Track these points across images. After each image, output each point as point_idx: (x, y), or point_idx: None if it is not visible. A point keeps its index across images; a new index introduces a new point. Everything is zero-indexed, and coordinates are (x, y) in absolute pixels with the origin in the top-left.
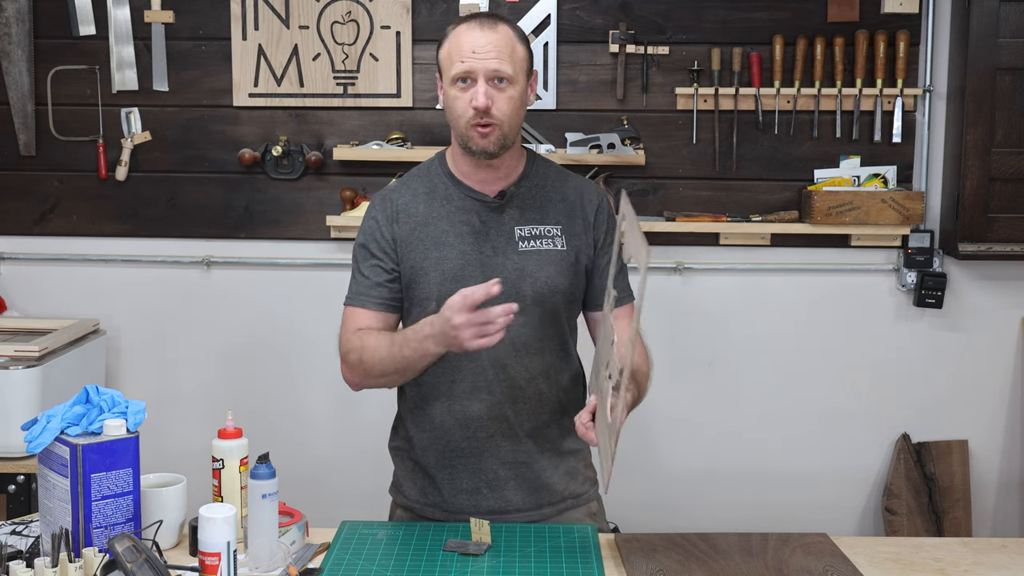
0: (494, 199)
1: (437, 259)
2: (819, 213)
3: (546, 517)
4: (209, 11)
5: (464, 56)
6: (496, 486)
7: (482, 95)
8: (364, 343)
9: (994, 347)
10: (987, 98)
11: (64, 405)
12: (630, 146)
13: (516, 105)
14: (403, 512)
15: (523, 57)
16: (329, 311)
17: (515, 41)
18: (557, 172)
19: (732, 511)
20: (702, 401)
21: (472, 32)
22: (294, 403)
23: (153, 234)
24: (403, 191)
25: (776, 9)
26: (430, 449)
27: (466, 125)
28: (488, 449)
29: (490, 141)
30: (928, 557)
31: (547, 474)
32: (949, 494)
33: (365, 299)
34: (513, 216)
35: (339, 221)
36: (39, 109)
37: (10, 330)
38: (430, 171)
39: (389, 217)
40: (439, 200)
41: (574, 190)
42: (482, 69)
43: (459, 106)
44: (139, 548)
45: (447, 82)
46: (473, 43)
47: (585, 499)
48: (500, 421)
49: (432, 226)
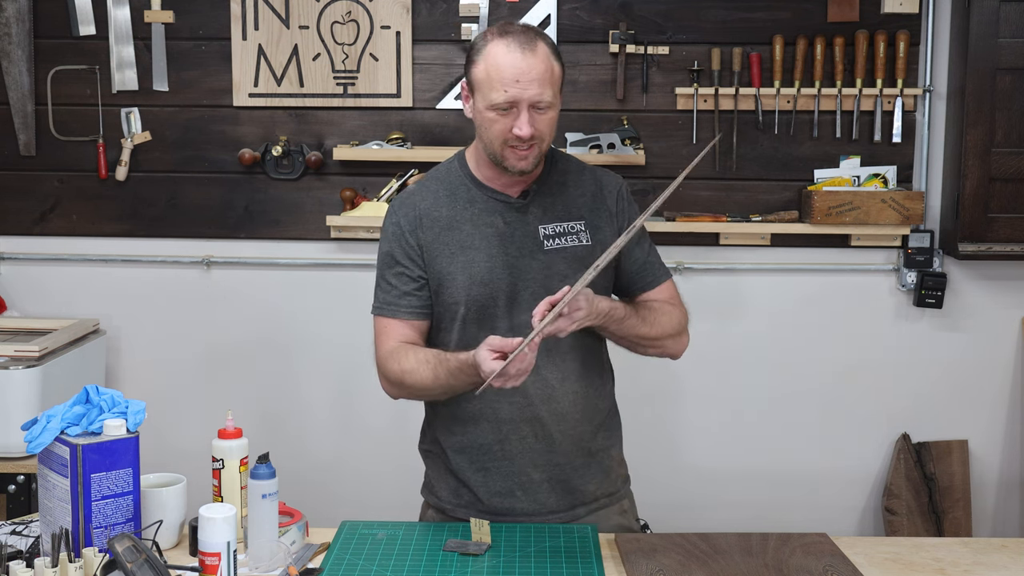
0: (517, 199)
1: (464, 263)
2: (819, 213)
3: (578, 517)
4: (209, 11)
5: (507, 85)
6: (530, 488)
7: (526, 124)
8: (403, 367)
9: (994, 347)
10: (987, 98)
11: (64, 405)
12: (630, 146)
13: (553, 123)
14: (434, 513)
15: (560, 75)
16: (329, 311)
17: (553, 62)
18: (575, 165)
19: (732, 511)
20: (702, 401)
21: (512, 56)
22: (294, 403)
23: (153, 234)
24: (424, 195)
25: (776, 9)
26: (463, 452)
27: (502, 146)
28: (521, 452)
29: (528, 162)
30: (928, 557)
31: (580, 474)
32: (949, 494)
33: (396, 309)
34: (536, 215)
35: (339, 221)
36: (39, 109)
37: (10, 330)
38: (449, 173)
39: (412, 222)
40: (462, 203)
41: (593, 181)
42: (526, 100)
43: (497, 129)
44: (139, 548)
45: (483, 104)
46: (516, 71)
47: (617, 497)
48: (533, 423)
49: (457, 230)
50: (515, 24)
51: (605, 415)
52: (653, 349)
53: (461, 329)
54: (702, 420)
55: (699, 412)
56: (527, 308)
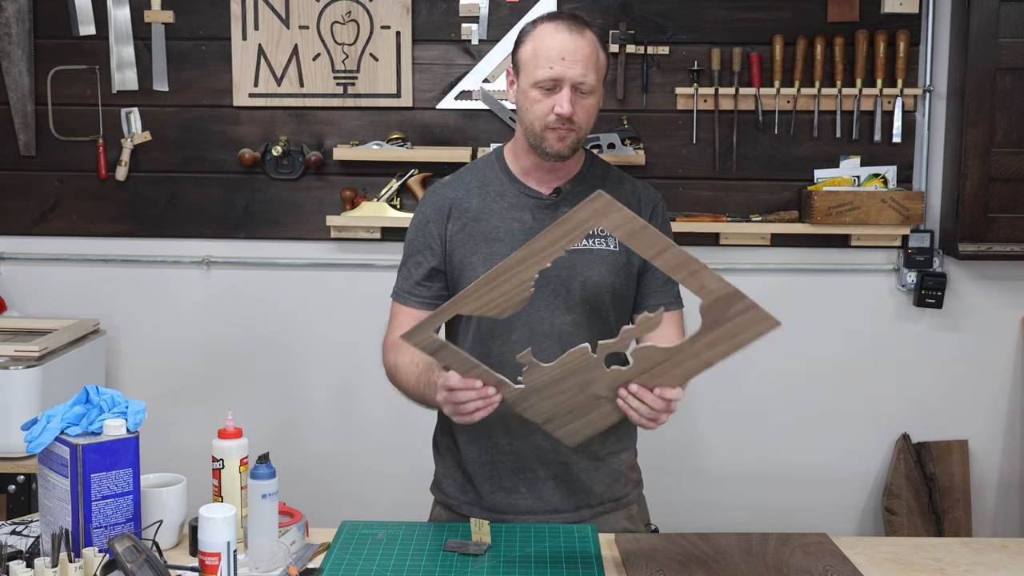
0: (549, 196)
1: (486, 255)
2: (819, 213)
3: (583, 519)
4: (209, 11)
5: (553, 62)
6: (535, 486)
7: (567, 102)
8: (397, 363)
9: (994, 347)
10: (987, 98)
11: (64, 405)
12: (630, 146)
13: (593, 113)
14: (442, 510)
15: (604, 65)
16: (329, 311)
17: (599, 49)
18: (614, 174)
19: (732, 511)
20: (701, 401)
21: (560, 35)
22: (294, 403)
23: (153, 234)
24: (456, 185)
25: (776, 9)
26: (471, 445)
27: (543, 127)
28: (528, 449)
29: (565, 145)
30: (928, 557)
31: (587, 476)
32: (949, 494)
33: (408, 297)
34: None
35: (339, 221)
36: (39, 109)
37: (10, 330)
38: (486, 166)
39: (439, 211)
40: (492, 195)
41: (631, 192)
42: (569, 78)
43: (540, 109)
44: (139, 548)
45: (527, 83)
46: (562, 48)
47: (625, 502)
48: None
49: (484, 221)
50: (565, 12)
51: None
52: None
53: (477, 322)
54: (702, 420)
55: (699, 412)
56: (545, 305)
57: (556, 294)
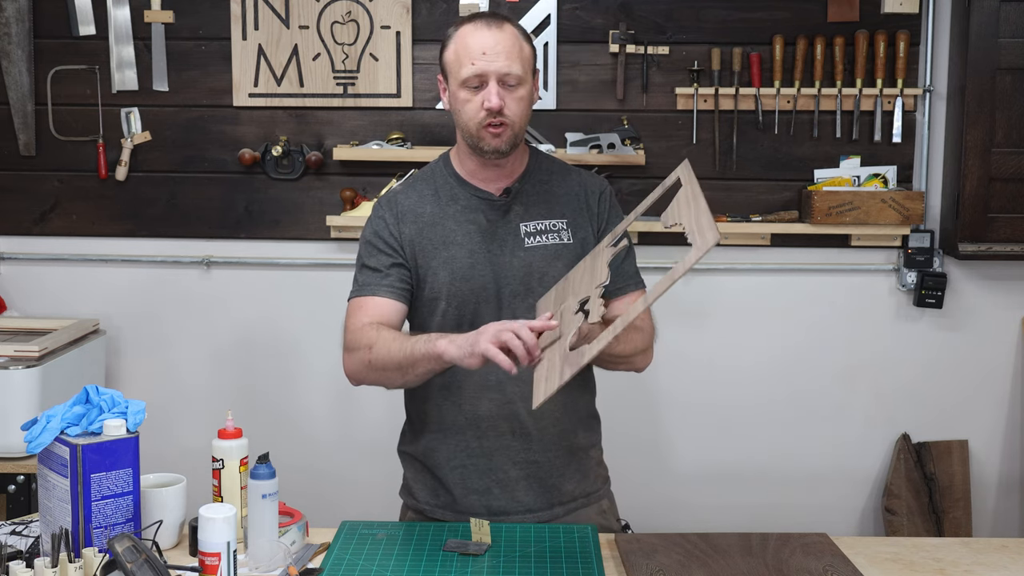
0: (499, 197)
1: (446, 258)
2: (819, 213)
3: (556, 517)
4: (209, 11)
5: (474, 58)
6: (507, 486)
7: (495, 95)
8: (380, 335)
9: (994, 347)
10: (987, 98)
11: (64, 405)
12: (630, 146)
13: (525, 105)
14: (414, 515)
15: (529, 56)
16: (329, 311)
17: (521, 40)
18: (560, 167)
19: (732, 511)
20: (702, 401)
21: (479, 32)
22: (294, 403)
23: (153, 234)
24: (408, 193)
25: (776, 9)
26: (439, 449)
27: (477, 127)
28: (499, 448)
29: (502, 141)
30: (928, 557)
31: (558, 473)
32: (949, 494)
33: (375, 288)
34: (518, 213)
35: (339, 221)
36: (39, 109)
37: (10, 330)
38: (434, 173)
39: (396, 217)
40: (445, 200)
41: (577, 183)
42: (493, 71)
43: (470, 109)
44: (139, 548)
45: (455, 84)
46: (482, 44)
47: (596, 497)
48: (511, 419)
49: (440, 226)
50: (485, 11)
51: (584, 413)
52: (623, 365)
53: (440, 325)
54: (701, 420)
55: (698, 412)
56: (507, 305)
57: (515, 294)
